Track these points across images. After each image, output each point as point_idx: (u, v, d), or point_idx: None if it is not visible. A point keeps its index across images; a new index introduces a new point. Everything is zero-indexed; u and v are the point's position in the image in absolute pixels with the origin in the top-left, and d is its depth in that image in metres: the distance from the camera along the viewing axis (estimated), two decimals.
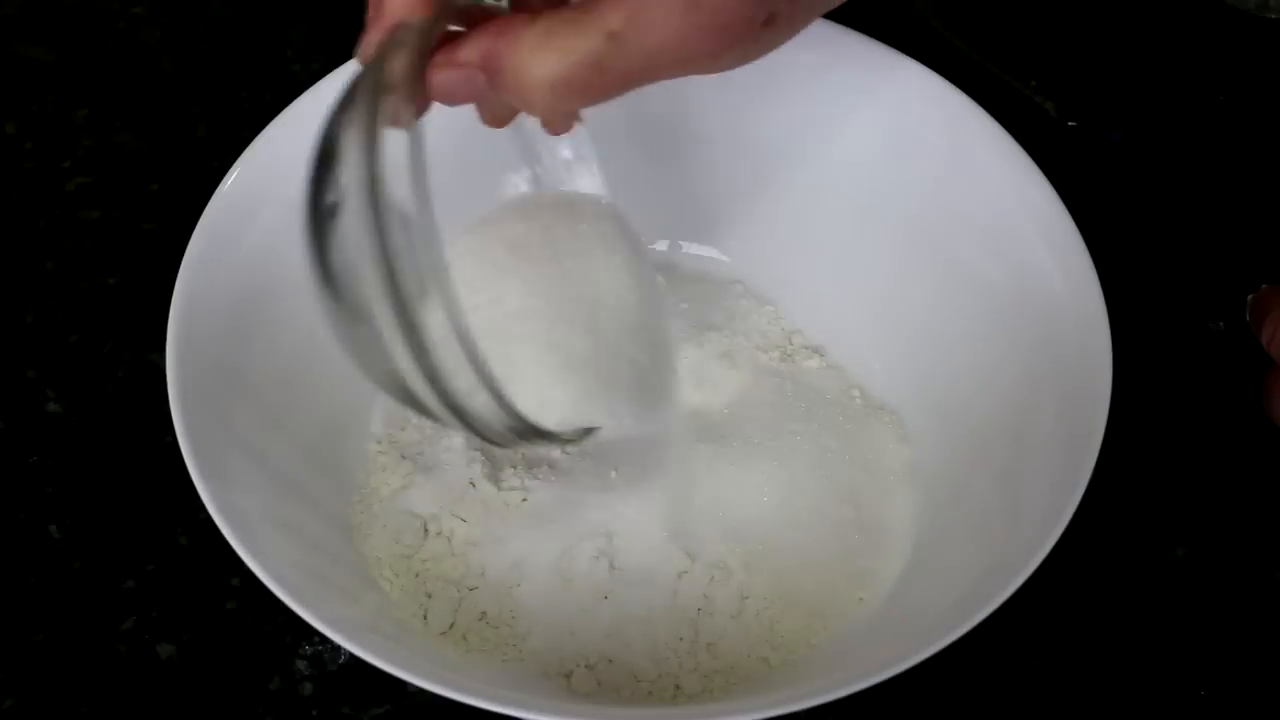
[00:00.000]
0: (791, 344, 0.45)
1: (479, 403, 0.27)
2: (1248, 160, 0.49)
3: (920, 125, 0.41)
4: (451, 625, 0.37)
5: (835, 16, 0.41)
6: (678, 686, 0.36)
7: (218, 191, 0.38)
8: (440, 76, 0.28)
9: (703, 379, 0.42)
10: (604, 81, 0.27)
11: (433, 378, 0.25)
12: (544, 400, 0.30)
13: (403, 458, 0.41)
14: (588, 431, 0.32)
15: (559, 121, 0.33)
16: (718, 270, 0.46)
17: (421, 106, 0.28)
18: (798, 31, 0.29)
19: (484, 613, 0.37)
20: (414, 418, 0.42)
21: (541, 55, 0.27)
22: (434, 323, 0.25)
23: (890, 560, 0.39)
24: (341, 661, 0.38)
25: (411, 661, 0.30)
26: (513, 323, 0.30)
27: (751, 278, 0.46)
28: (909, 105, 0.41)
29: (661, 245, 0.47)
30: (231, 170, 0.38)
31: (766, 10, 0.27)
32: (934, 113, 0.40)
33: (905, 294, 0.43)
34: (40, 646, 0.39)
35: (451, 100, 0.29)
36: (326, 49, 0.55)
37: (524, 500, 0.39)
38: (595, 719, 0.33)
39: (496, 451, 0.41)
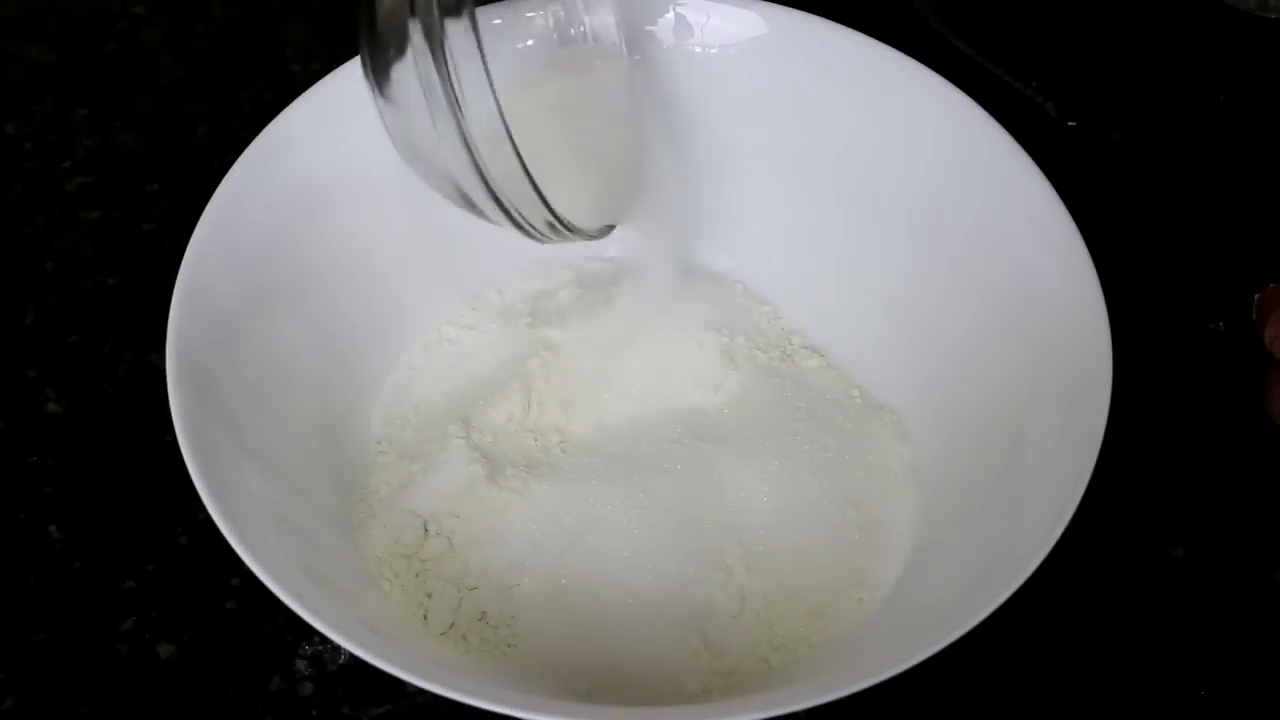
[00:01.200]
0: (791, 344, 0.45)
1: (517, 194, 0.33)
2: (1248, 160, 0.49)
3: (920, 125, 0.41)
4: (451, 625, 0.37)
5: (835, 16, 0.42)
6: (678, 687, 0.36)
7: (218, 191, 0.38)
8: None
9: (703, 379, 0.42)
10: None
11: (476, 166, 0.31)
12: (572, 199, 0.36)
13: (403, 458, 0.41)
14: (606, 229, 0.39)
15: None
16: (718, 269, 0.46)
17: None
18: None
19: (484, 613, 0.37)
20: (414, 417, 0.42)
21: None
22: (477, 117, 0.31)
23: (890, 560, 0.39)
24: (341, 661, 0.38)
25: (411, 661, 0.30)
26: (553, 144, 0.38)
27: (751, 278, 0.46)
28: (909, 105, 0.41)
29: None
30: (231, 170, 0.38)
31: None
32: (934, 113, 0.40)
33: (905, 294, 0.43)
34: (40, 646, 0.39)
35: None
36: (326, 49, 0.55)
37: (524, 500, 0.39)
38: (595, 719, 0.33)
39: (496, 451, 0.41)
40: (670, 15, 0.42)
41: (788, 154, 0.44)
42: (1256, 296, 0.44)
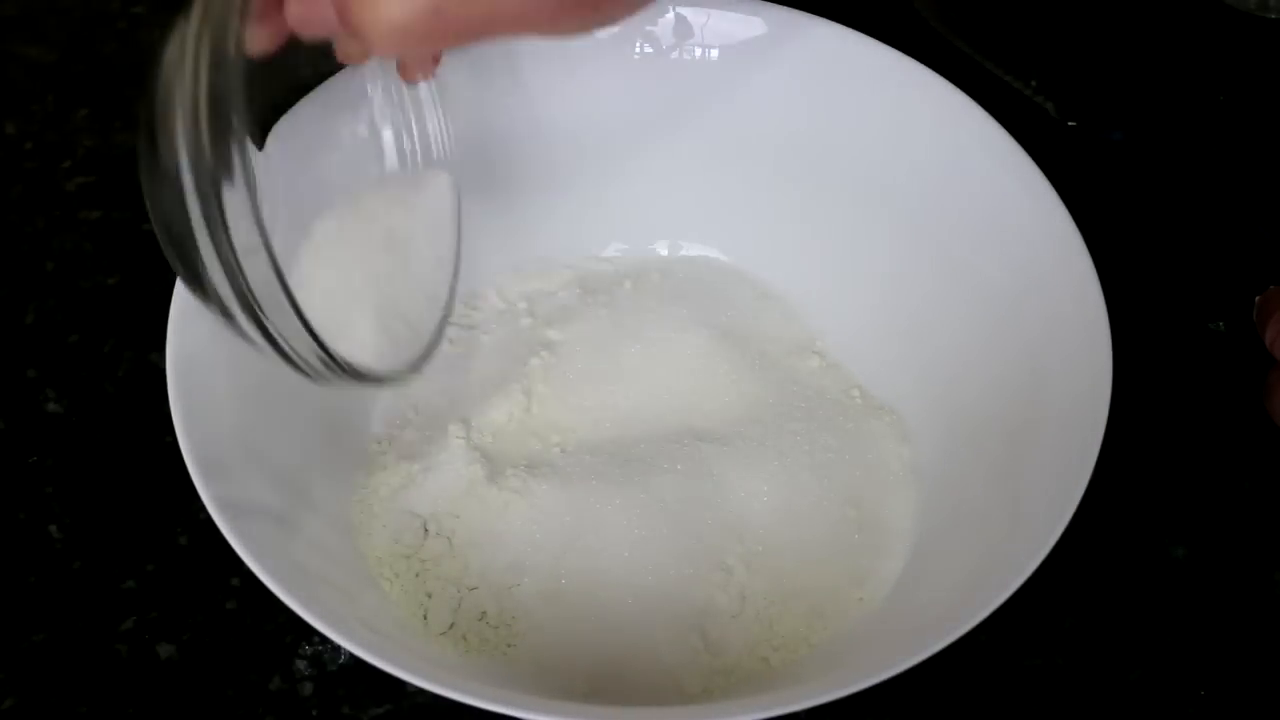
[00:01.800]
0: (792, 343, 0.45)
1: (289, 332, 0.29)
2: (1248, 160, 0.49)
3: (920, 125, 0.41)
4: (451, 625, 0.37)
5: (835, 16, 0.42)
6: (678, 686, 0.36)
7: None
8: (293, 7, 0.30)
9: (702, 379, 0.42)
10: (444, 29, 0.28)
11: (243, 302, 0.29)
12: (364, 346, 0.34)
13: (402, 458, 0.41)
14: (402, 375, 0.36)
15: (412, 67, 0.35)
16: (718, 270, 0.46)
17: (278, 34, 0.30)
18: (646, 4, 0.30)
19: (484, 613, 0.37)
20: (414, 417, 0.42)
21: None
22: (255, 268, 0.28)
23: (890, 560, 0.39)
24: (341, 661, 0.38)
25: (411, 661, 0.30)
26: (354, 276, 0.36)
27: (751, 278, 0.46)
28: (909, 105, 0.41)
29: (662, 245, 0.47)
30: None
31: None
32: (934, 113, 0.40)
33: (905, 294, 0.43)
34: (40, 646, 0.39)
35: (304, 30, 0.30)
36: None
37: (524, 500, 0.39)
38: (595, 719, 0.33)
39: (496, 451, 0.41)
40: (670, 16, 0.42)
41: (788, 155, 0.44)
42: (1257, 299, 0.44)
